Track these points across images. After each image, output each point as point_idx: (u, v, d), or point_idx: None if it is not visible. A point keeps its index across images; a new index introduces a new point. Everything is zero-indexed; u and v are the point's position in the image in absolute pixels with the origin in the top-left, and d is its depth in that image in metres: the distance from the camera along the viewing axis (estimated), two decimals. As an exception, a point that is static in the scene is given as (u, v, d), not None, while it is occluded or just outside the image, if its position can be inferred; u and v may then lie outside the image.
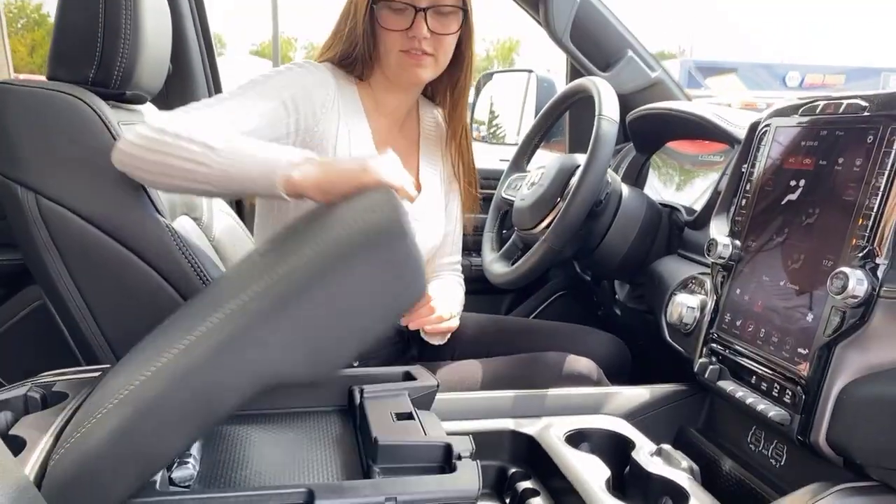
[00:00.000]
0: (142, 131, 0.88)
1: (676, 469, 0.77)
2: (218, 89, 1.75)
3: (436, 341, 1.22)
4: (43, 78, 1.02)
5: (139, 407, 0.57)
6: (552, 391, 1.08)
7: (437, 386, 0.87)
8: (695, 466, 0.78)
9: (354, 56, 1.11)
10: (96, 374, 0.82)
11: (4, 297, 1.55)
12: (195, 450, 0.74)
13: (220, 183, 0.86)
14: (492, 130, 2.64)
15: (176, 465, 0.70)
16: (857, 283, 0.75)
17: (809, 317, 0.83)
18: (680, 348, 1.09)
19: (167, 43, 1.19)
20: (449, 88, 1.23)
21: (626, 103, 1.54)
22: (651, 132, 1.47)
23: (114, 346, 0.98)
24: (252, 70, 1.35)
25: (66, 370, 0.85)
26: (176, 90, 1.63)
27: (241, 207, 1.62)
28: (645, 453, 0.80)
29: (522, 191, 1.38)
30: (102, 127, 0.95)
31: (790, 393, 0.83)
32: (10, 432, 0.70)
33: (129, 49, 1.01)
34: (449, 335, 1.23)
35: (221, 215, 1.42)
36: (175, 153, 0.85)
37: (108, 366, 0.84)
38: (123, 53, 1.00)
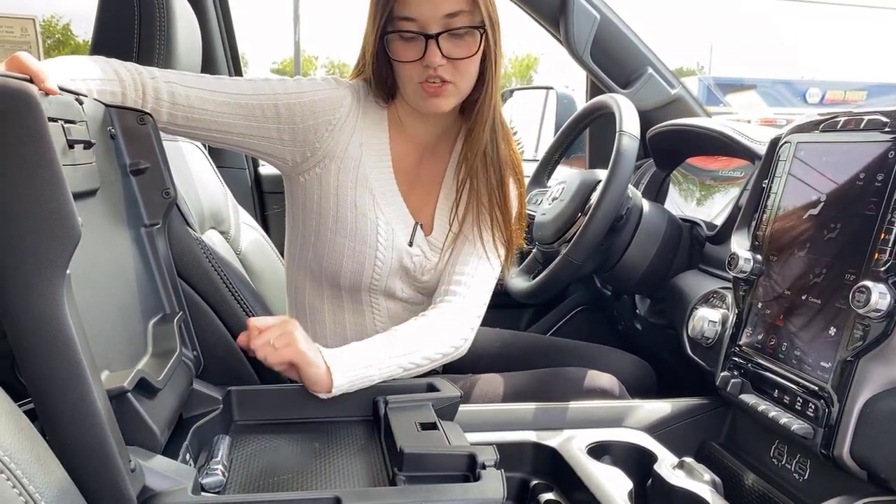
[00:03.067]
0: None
1: (699, 482, 0.77)
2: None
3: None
4: None
5: None
6: (574, 404, 1.08)
7: (461, 396, 0.88)
8: (717, 479, 0.78)
9: (379, 86, 1.05)
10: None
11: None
12: (224, 456, 0.76)
13: None
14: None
15: (206, 472, 0.71)
16: (880, 296, 0.76)
17: (832, 330, 0.83)
18: (702, 362, 1.09)
19: (197, 63, 1.23)
20: (472, 115, 1.06)
21: (646, 120, 1.56)
22: (671, 148, 1.48)
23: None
24: None
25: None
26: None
27: (267, 221, 1.65)
28: (667, 466, 0.81)
29: (543, 206, 1.39)
30: None
31: (813, 406, 0.83)
32: None
33: (161, 64, 1.04)
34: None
35: (248, 229, 1.45)
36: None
37: None
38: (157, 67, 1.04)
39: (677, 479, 0.78)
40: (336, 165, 1.04)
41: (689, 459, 0.81)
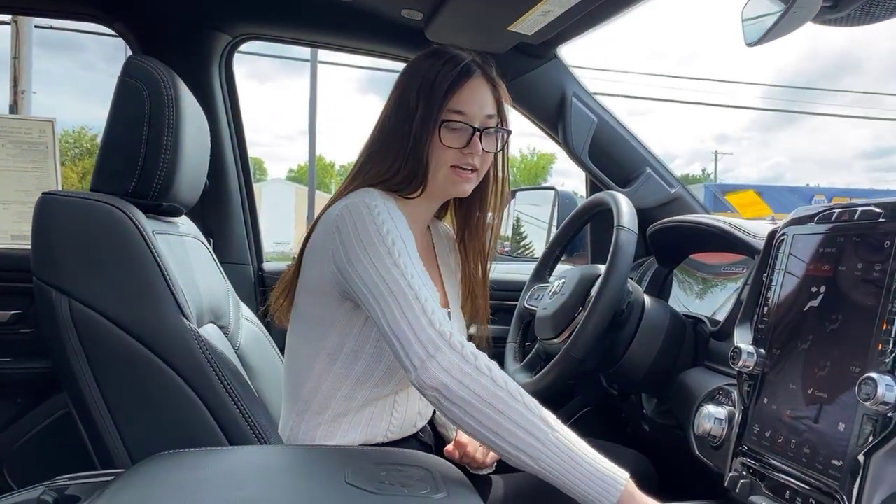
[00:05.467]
0: (465, 368, 0.84)
1: None
2: (252, 207, 1.83)
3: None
4: None
5: None
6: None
7: None
8: None
9: (413, 176, 1.11)
10: (110, 478, 0.81)
11: (29, 407, 1.57)
12: None
13: (544, 464, 0.82)
14: (522, 244, 2.68)
15: None
16: (887, 388, 0.73)
17: (841, 426, 0.80)
18: (710, 462, 1.04)
19: (205, 159, 1.27)
20: (472, 202, 1.23)
21: (647, 218, 1.58)
22: (672, 245, 1.48)
23: (130, 449, 0.97)
24: (289, 193, 1.42)
25: (80, 474, 0.85)
26: (212, 204, 1.71)
27: (268, 318, 1.64)
28: None
29: (544, 301, 1.39)
30: (137, 234, 0.99)
31: (827, 509, 0.79)
32: None
33: (167, 164, 1.07)
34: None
35: (248, 325, 1.44)
36: (510, 414, 0.81)
37: (121, 470, 0.84)
38: (162, 168, 1.07)
39: None
40: None
41: None
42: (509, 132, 1.18)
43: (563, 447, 0.81)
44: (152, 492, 0.73)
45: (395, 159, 1.11)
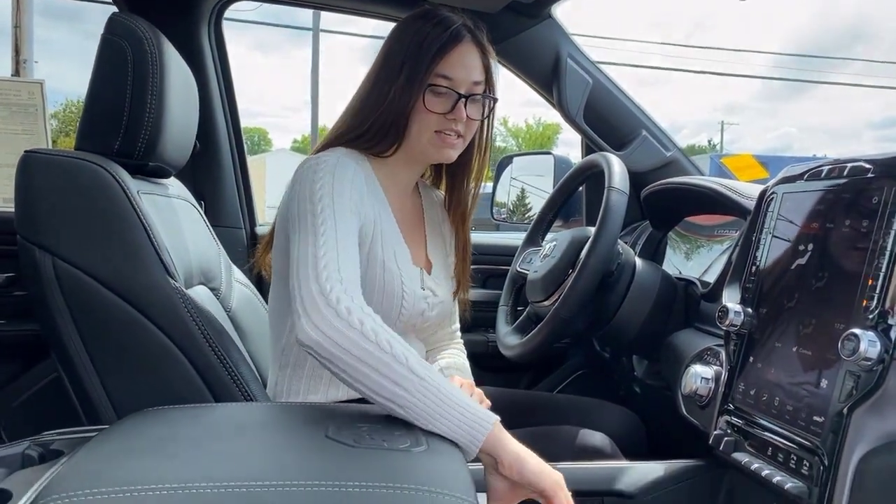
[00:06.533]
0: (336, 324, 0.84)
1: None
2: (244, 171, 1.82)
3: None
4: None
5: None
6: (564, 465, 1.03)
7: None
8: None
9: (384, 134, 1.11)
10: (94, 433, 0.82)
11: (25, 368, 1.58)
12: None
13: (413, 412, 0.82)
14: (525, 213, 2.65)
15: None
16: (870, 344, 0.73)
17: (823, 383, 0.80)
18: (696, 421, 1.05)
19: (193, 121, 1.25)
20: (459, 169, 1.23)
21: (642, 181, 1.56)
22: (666, 208, 1.47)
23: (117, 407, 0.97)
24: (293, 163, 1.41)
25: (66, 430, 0.85)
26: (203, 168, 1.70)
27: (262, 280, 1.65)
28: None
29: (536, 264, 1.38)
30: (121, 193, 0.99)
31: (807, 464, 0.79)
32: (0, 486, 0.70)
33: (152, 122, 1.06)
34: None
35: (240, 287, 1.44)
36: (377, 366, 0.82)
37: (106, 426, 0.84)
38: (147, 126, 1.05)
39: None
40: (369, 236, 1.08)
41: None
42: (495, 100, 1.16)
43: (431, 395, 0.82)
44: (132, 445, 0.74)
45: (369, 116, 1.10)
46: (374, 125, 1.10)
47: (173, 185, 1.30)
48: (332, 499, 0.62)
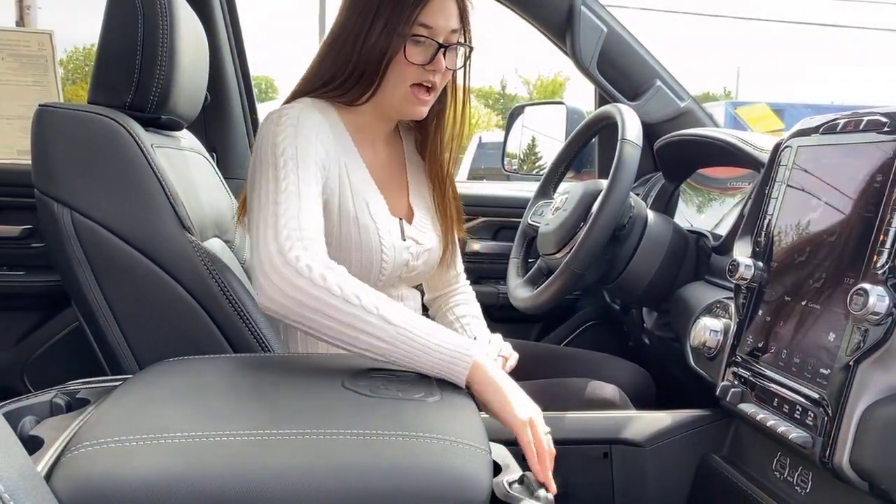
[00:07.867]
0: (299, 282, 0.82)
1: (530, 499, 0.73)
2: (255, 122, 1.81)
3: None
4: None
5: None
6: (572, 414, 1.06)
7: None
8: (550, 498, 0.75)
9: (355, 82, 1.07)
10: (118, 383, 0.84)
11: (45, 319, 1.62)
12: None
13: (392, 357, 0.83)
14: (536, 164, 2.63)
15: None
16: (878, 299, 0.73)
17: (831, 336, 0.81)
18: (704, 373, 1.07)
19: (203, 73, 1.25)
20: (430, 122, 1.18)
21: (656, 133, 1.55)
22: (679, 160, 1.46)
23: (138, 357, 1.00)
24: None
25: (91, 379, 0.88)
26: (213, 120, 1.69)
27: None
28: (505, 481, 0.76)
29: (547, 216, 1.38)
30: (135, 147, 1.00)
31: (812, 415, 0.81)
32: (31, 433, 0.72)
33: (164, 75, 1.06)
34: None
35: (253, 240, 1.46)
36: (348, 321, 0.81)
37: (129, 376, 0.87)
38: (159, 80, 1.05)
39: (508, 493, 0.74)
40: (337, 189, 1.05)
41: (530, 474, 0.77)
42: (472, 48, 1.12)
43: (406, 339, 0.82)
44: (157, 393, 0.76)
45: (341, 64, 1.06)
46: (345, 73, 1.06)
47: (185, 137, 1.31)
48: (351, 446, 0.64)
